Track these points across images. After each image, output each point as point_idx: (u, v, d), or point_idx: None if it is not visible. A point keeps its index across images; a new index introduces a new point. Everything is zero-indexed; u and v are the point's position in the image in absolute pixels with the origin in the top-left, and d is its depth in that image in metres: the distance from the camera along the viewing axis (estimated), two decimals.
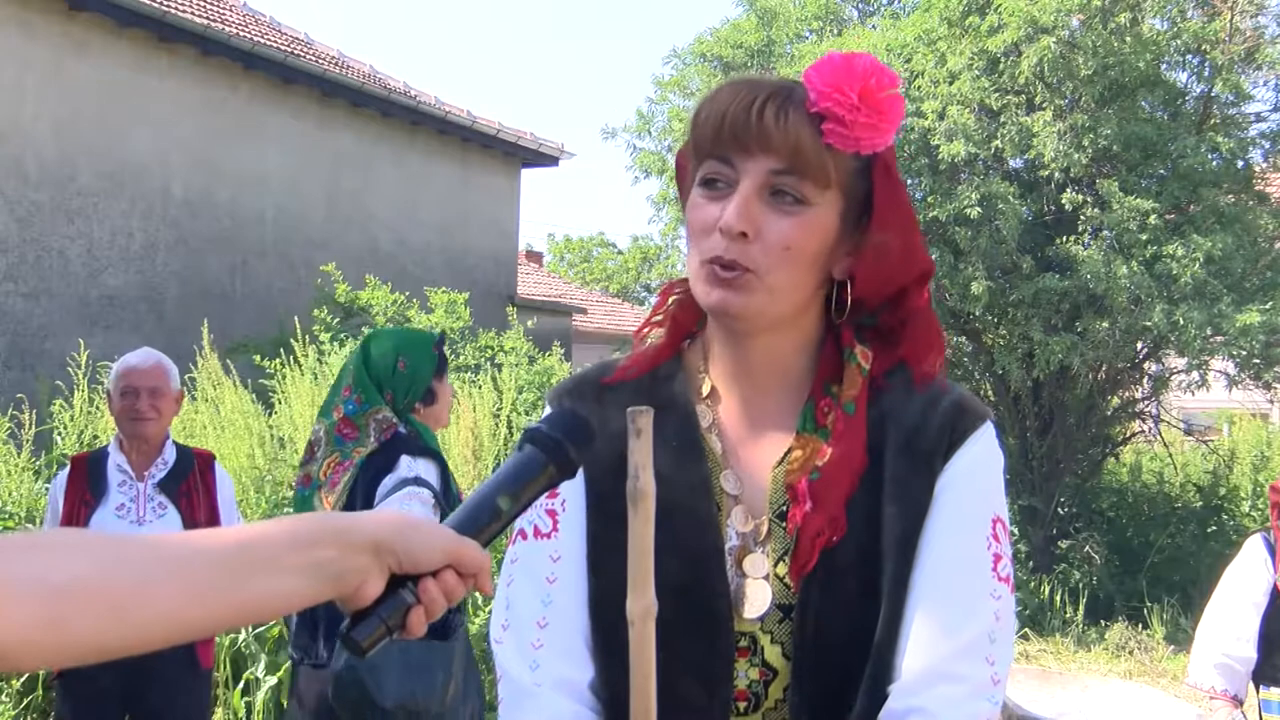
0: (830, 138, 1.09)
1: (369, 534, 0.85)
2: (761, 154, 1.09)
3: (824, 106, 1.09)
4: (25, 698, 4.51)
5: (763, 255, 1.09)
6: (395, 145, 12.21)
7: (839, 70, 1.09)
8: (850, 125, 1.08)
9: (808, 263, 1.12)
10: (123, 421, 3.35)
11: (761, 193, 1.10)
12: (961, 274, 7.77)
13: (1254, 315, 7.17)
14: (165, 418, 3.37)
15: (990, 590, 1.10)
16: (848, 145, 1.09)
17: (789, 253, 1.10)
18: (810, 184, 1.10)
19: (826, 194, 1.11)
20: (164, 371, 3.37)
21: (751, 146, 1.10)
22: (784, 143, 1.08)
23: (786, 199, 1.10)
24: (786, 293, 1.12)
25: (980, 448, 1.15)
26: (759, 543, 1.15)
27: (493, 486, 0.93)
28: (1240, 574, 2.97)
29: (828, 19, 9.35)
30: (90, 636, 0.74)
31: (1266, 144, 8.67)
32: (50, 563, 0.74)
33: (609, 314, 24.66)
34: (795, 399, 1.18)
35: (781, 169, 1.09)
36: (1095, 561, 8.52)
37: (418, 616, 0.87)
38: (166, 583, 0.77)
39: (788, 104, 1.09)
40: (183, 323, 9.40)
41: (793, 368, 1.19)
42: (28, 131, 8.72)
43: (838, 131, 1.09)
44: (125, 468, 3.34)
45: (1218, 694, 2.90)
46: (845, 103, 1.08)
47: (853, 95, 1.08)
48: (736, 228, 1.08)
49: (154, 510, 3.31)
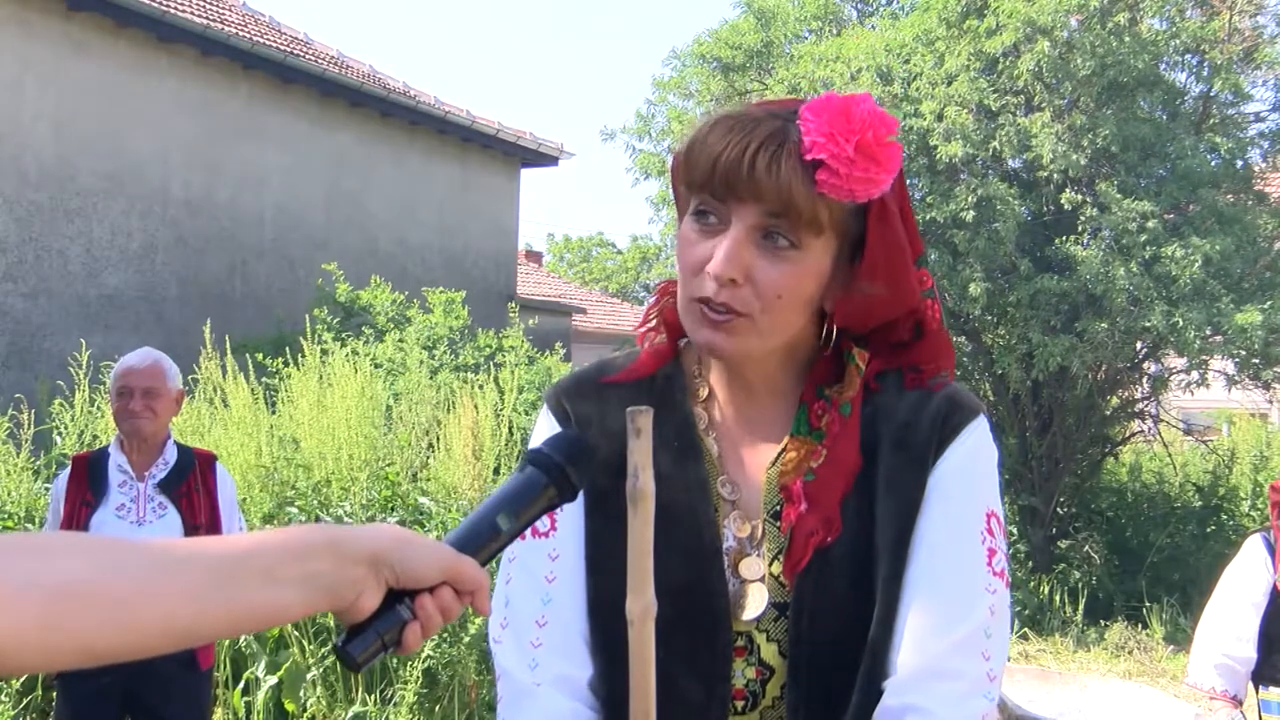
0: (824, 188, 1.07)
1: (366, 547, 0.85)
2: (753, 201, 1.08)
3: (818, 156, 1.07)
4: (25, 698, 4.51)
5: (755, 299, 1.09)
6: (395, 145, 12.21)
7: (836, 118, 1.07)
8: (845, 178, 1.07)
9: (801, 305, 1.12)
10: (120, 421, 3.34)
11: (753, 236, 1.09)
12: (960, 275, 7.77)
13: (1253, 315, 7.17)
14: (162, 418, 3.35)
15: (985, 585, 1.10)
16: (842, 195, 1.07)
17: (781, 300, 1.09)
18: (801, 231, 1.09)
19: (820, 239, 1.10)
20: (161, 372, 3.35)
21: (743, 193, 1.08)
22: (776, 193, 1.07)
23: (778, 243, 1.09)
24: (778, 333, 1.13)
25: (973, 442, 1.15)
26: (754, 545, 1.16)
27: (493, 505, 0.94)
28: (1240, 574, 2.97)
29: (826, 19, 9.35)
30: (86, 640, 0.74)
31: (1265, 144, 8.67)
32: (47, 565, 0.74)
33: (608, 314, 24.67)
34: (789, 402, 1.19)
35: (771, 214, 1.08)
36: (1095, 561, 8.53)
37: (414, 633, 0.87)
38: (163, 588, 0.77)
39: (780, 152, 1.07)
40: (182, 322, 9.40)
41: (788, 377, 1.20)
42: (27, 131, 8.72)
43: (831, 182, 1.07)
44: (126, 468, 3.33)
45: (1217, 694, 2.90)
46: (840, 155, 1.06)
47: (848, 147, 1.06)
48: (726, 275, 1.08)
49: (154, 511, 3.31)
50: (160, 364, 3.37)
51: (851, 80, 7.92)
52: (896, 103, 8.05)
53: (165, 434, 3.41)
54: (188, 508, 3.33)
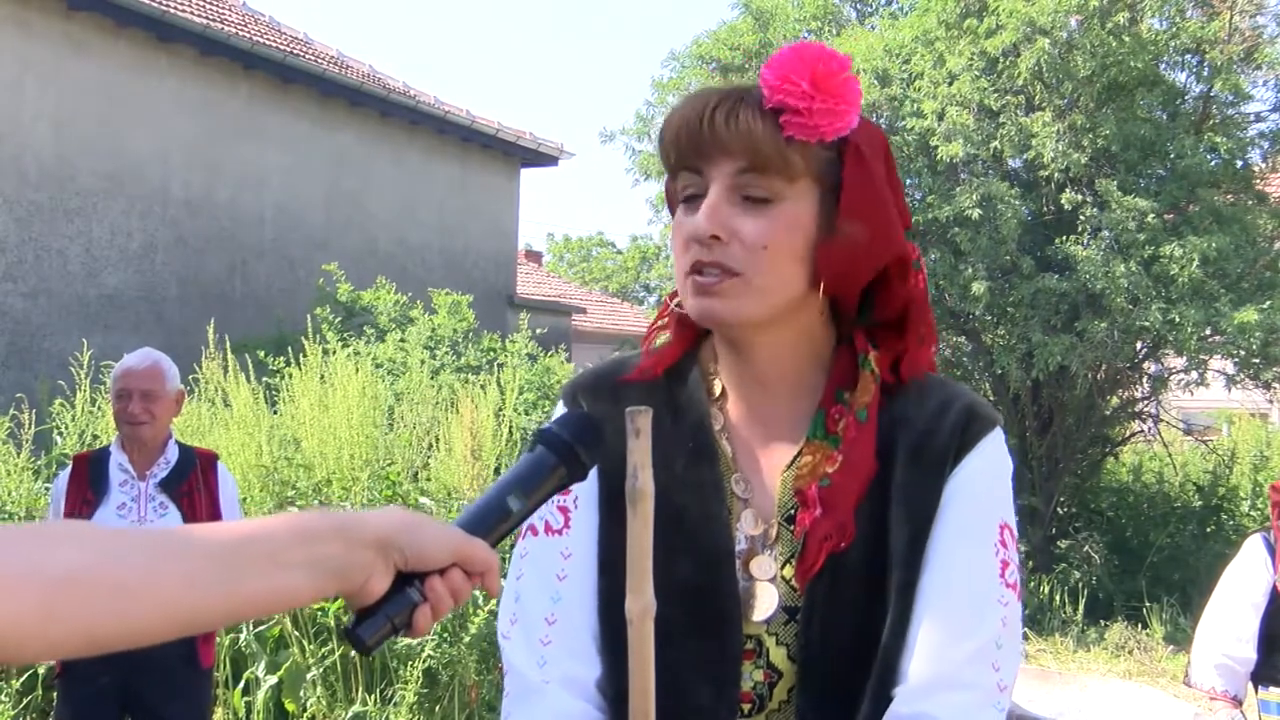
0: (791, 129, 1.08)
1: (374, 530, 0.84)
2: (722, 158, 1.09)
3: (778, 100, 1.08)
4: (25, 697, 4.51)
5: (743, 255, 1.09)
6: (394, 145, 12.21)
7: (787, 62, 1.09)
8: (808, 114, 1.08)
9: (792, 257, 1.11)
10: (119, 423, 3.35)
11: (731, 196, 1.10)
12: (962, 274, 7.77)
13: (1252, 314, 7.17)
14: (161, 420, 3.35)
15: (998, 597, 1.09)
16: (810, 134, 1.08)
17: (768, 251, 1.09)
18: (776, 179, 1.09)
19: (797, 186, 1.10)
20: (160, 373, 3.34)
21: (710, 152, 1.10)
22: (739, 143, 1.08)
23: (756, 194, 1.10)
24: (776, 291, 1.11)
25: (989, 453, 1.14)
26: (767, 546, 1.16)
27: (502, 486, 0.93)
28: (1240, 574, 2.97)
29: (825, 20, 9.35)
30: (88, 627, 0.74)
31: (1265, 144, 8.67)
32: (49, 553, 0.74)
33: (608, 314, 24.68)
34: (806, 405, 1.18)
35: (743, 168, 1.09)
36: (1095, 561, 8.52)
37: (424, 615, 0.87)
38: (167, 575, 0.77)
39: (739, 106, 1.09)
40: (182, 322, 9.40)
41: (804, 374, 1.19)
42: (27, 131, 8.72)
43: (796, 122, 1.08)
44: (127, 467, 3.33)
45: (1218, 694, 2.91)
46: (797, 92, 1.08)
47: (803, 84, 1.07)
48: (706, 231, 1.09)
49: (155, 510, 3.31)
50: (159, 365, 3.36)
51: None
52: (897, 103, 8.06)
53: (166, 434, 3.41)
54: (189, 507, 3.33)
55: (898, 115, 8.13)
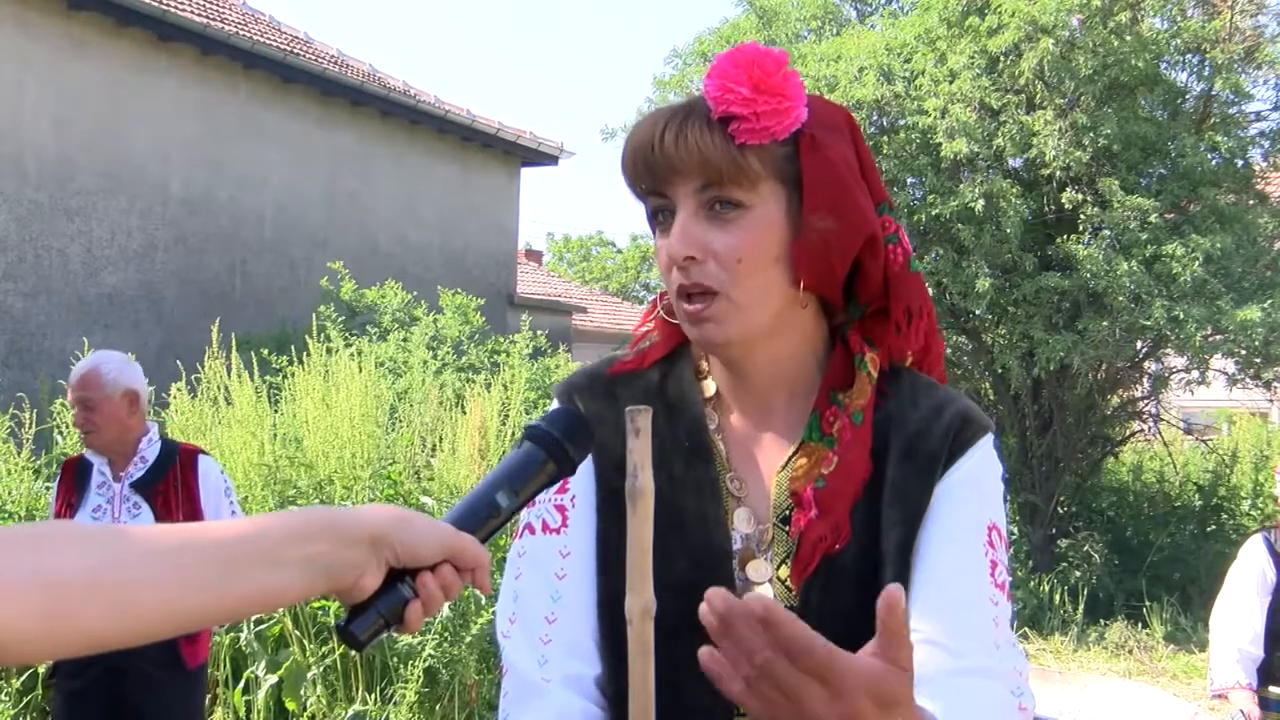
0: (742, 136, 1.08)
1: (365, 528, 0.85)
2: (679, 179, 1.10)
3: (722, 110, 1.09)
4: (25, 696, 4.52)
5: (720, 272, 1.10)
6: (395, 144, 12.21)
7: (724, 70, 1.10)
8: (754, 118, 1.08)
9: (768, 264, 1.11)
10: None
11: (699, 212, 1.10)
12: (965, 272, 7.77)
13: (1253, 312, 7.17)
14: (110, 424, 3.25)
15: (988, 596, 1.10)
16: (761, 137, 1.09)
17: (743, 265, 1.10)
18: (737, 189, 1.09)
19: (761, 190, 1.10)
20: (96, 380, 3.24)
21: (667, 175, 1.10)
22: (692, 161, 1.09)
23: (723, 210, 1.10)
24: (758, 302, 1.12)
25: (981, 458, 1.16)
26: (762, 548, 1.16)
27: (491, 483, 0.93)
28: (1243, 574, 3.02)
29: (826, 18, 9.35)
30: (89, 628, 0.74)
31: (1266, 143, 8.67)
32: (49, 555, 0.74)
33: (608, 313, 24.68)
34: (800, 407, 1.18)
35: (703, 185, 1.10)
36: (1095, 560, 8.52)
37: (415, 611, 0.87)
38: (164, 576, 0.77)
39: (685, 123, 1.10)
40: (182, 321, 9.41)
41: (799, 377, 1.19)
42: (27, 131, 8.72)
43: (745, 128, 1.08)
44: (104, 469, 3.31)
45: (1242, 686, 2.96)
46: (739, 99, 1.08)
47: (743, 89, 1.08)
48: (681, 254, 1.10)
49: (128, 511, 3.26)
50: (96, 370, 3.25)
51: (856, 79, 7.92)
52: (899, 101, 8.05)
53: (136, 433, 3.33)
54: (163, 506, 3.27)
55: (901, 112, 8.13)
